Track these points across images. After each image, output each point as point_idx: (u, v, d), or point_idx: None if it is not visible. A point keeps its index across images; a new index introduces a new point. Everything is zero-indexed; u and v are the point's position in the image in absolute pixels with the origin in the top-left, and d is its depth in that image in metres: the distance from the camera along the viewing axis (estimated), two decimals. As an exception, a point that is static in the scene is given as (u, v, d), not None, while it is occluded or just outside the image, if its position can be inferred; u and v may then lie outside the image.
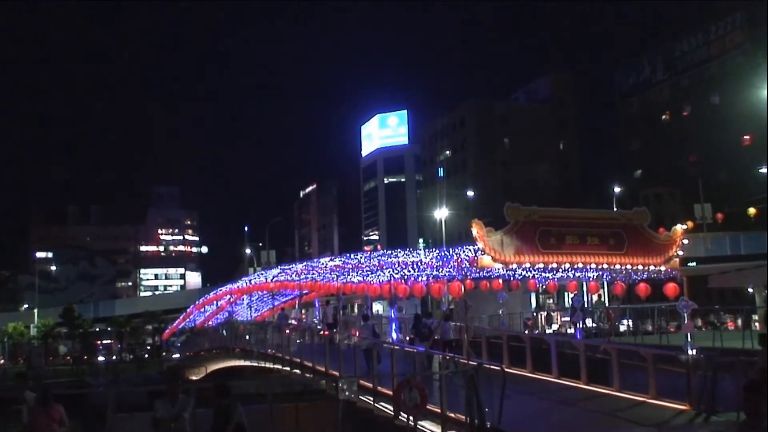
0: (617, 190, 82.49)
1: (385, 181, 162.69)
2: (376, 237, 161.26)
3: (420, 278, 33.66)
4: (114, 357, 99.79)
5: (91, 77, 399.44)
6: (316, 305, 55.68)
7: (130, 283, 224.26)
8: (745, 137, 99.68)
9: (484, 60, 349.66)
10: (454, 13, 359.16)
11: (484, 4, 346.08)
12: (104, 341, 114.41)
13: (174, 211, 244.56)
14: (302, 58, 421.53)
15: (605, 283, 37.49)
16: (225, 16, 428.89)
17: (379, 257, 38.96)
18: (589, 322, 43.26)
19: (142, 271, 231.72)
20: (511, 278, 32.14)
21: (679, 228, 31.24)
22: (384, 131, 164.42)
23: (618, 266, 29.50)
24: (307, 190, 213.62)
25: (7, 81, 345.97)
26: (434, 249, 41.33)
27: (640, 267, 29.80)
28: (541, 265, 28.50)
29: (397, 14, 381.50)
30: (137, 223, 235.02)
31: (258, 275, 61.81)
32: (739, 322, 51.52)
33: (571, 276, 32.43)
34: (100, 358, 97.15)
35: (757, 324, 47.73)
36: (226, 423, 13.15)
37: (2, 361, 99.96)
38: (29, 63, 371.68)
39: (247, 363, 43.30)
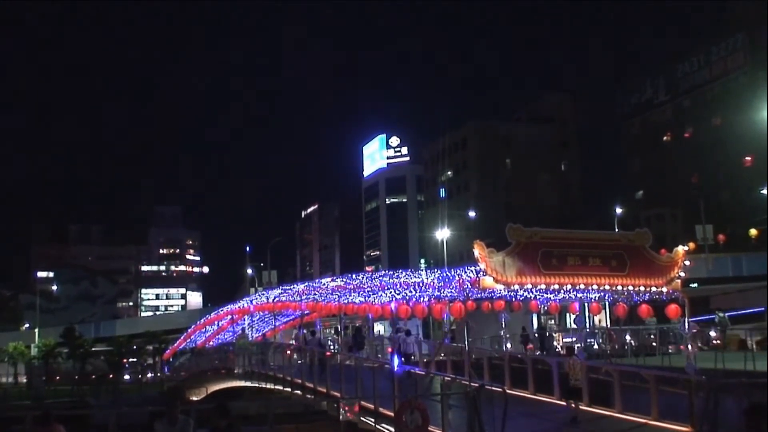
0: (619, 210, 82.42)
1: (387, 201, 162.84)
2: (377, 257, 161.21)
3: (422, 299, 33.63)
4: (139, 376, 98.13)
5: (92, 95, 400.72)
6: (317, 326, 55.61)
7: (131, 303, 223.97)
8: (746, 158, 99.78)
9: (486, 81, 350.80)
10: (456, 34, 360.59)
11: (487, 25, 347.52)
12: (131, 359, 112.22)
13: (175, 231, 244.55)
14: (304, 78, 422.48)
15: (607, 304, 37.42)
16: (226, 37, 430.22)
17: (381, 278, 38.95)
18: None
19: (143, 291, 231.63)
20: (513, 299, 32.10)
21: (681, 249, 31.20)
22: (386, 152, 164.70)
23: (620, 287, 29.45)
24: (309, 210, 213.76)
25: (6, 99, 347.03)
26: (436, 270, 41.28)
27: (642, 288, 29.75)
28: (543, 286, 28.45)
29: (399, 35, 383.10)
30: (138, 243, 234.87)
31: (259, 295, 61.63)
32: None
33: (573, 297, 32.41)
34: (126, 377, 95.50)
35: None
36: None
37: (16, 380, 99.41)
38: (29, 81, 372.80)
39: (248, 383, 43.19)
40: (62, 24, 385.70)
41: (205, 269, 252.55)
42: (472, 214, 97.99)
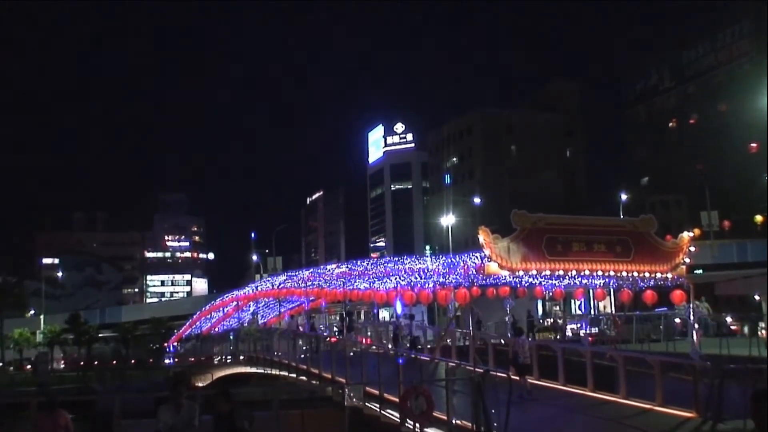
0: (624, 197, 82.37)
1: (392, 187, 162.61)
2: (382, 244, 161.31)
3: (426, 285, 33.62)
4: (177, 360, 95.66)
5: (98, 84, 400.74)
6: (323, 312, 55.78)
7: (136, 290, 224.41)
8: (751, 145, 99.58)
9: (491, 67, 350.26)
10: (461, 20, 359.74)
11: (493, 11, 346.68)
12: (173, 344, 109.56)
13: (180, 217, 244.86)
14: (309, 64, 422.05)
15: (611, 290, 37.41)
16: (231, 25, 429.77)
17: (386, 264, 38.96)
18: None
19: (149, 277, 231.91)
20: (518, 285, 32.07)
21: (686, 235, 31.11)
22: (391, 138, 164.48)
23: (624, 273, 29.40)
24: (314, 196, 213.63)
25: (12, 88, 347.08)
26: (441, 256, 41.31)
27: (647, 274, 29.68)
28: (548, 272, 28.39)
29: (405, 20, 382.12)
30: (144, 230, 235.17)
31: (264, 282, 61.78)
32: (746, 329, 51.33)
33: (578, 283, 32.37)
34: (167, 361, 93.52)
35: (764, 331, 47.65)
36: (231, 430, 13.00)
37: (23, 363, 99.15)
38: (34, 71, 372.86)
39: (253, 369, 43.33)
40: (68, 12, 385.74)
41: (211, 256, 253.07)
42: (477, 200, 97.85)
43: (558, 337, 49.08)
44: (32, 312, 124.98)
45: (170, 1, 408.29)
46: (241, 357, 48.24)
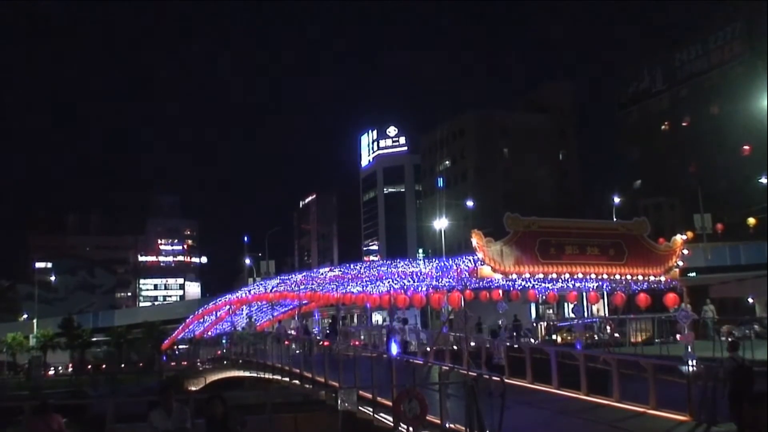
0: (617, 200, 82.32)
1: (385, 191, 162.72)
2: (375, 247, 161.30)
3: (420, 288, 33.61)
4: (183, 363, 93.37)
5: (91, 86, 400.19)
6: (316, 317, 55.72)
7: (129, 294, 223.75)
8: (744, 147, 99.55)
9: (484, 70, 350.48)
10: (454, 22, 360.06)
11: (485, 12, 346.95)
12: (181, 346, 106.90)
13: (174, 221, 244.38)
14: (302, 67, 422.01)
15: (605, 293, 37.44)
16: (226, 26, 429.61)
17: (379, 267, 38.93)
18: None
19: (142, 281, 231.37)
20: (511, 288, 32.06)
21: (679, 238, 31.18)
22: (383, 141, 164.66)
23: (618, 276, 29.44)
24: (307, 200, 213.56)
25: (5, 90, 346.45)
26: (434, 259, 41.27)
27: (640, 277, 29.74)
28: (541, 276, 28.42)
29: (397, 23, 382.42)
30: (137, 233, 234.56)
31: (257, 285, 61.67)
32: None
33: (571, 286, 32.38)
34: (172, 364, 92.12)
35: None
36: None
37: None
38: (27, 72, 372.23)
39: (247, 373, 43.22)
40: (64, 14, 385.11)
41: (204, 259, 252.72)
42: (469, 203, 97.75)
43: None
44: (25, 316, 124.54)
45: (166, 1, 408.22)
46: (229, 361, 48.14)
